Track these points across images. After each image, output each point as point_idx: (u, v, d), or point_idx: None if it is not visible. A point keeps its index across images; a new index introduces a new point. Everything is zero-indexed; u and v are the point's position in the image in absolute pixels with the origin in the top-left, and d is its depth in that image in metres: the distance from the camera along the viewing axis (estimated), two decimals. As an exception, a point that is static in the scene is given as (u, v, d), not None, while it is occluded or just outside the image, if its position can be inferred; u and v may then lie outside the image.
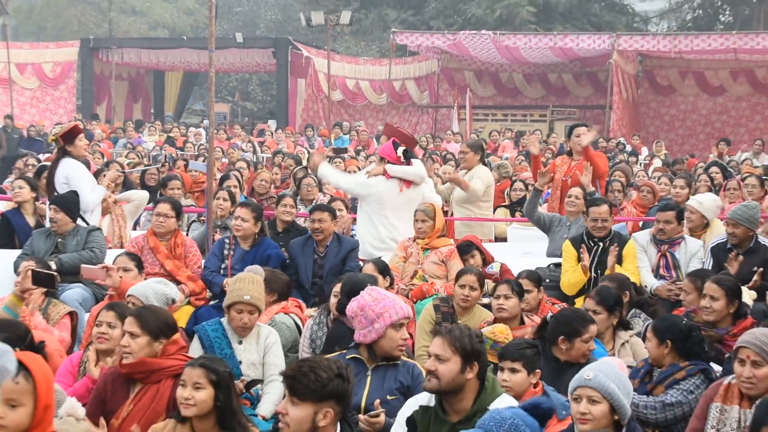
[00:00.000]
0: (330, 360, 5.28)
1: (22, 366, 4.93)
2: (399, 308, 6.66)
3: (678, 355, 6.92)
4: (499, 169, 16.68)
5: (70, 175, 10.93)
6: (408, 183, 11.13)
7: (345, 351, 6.78)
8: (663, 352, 6.92)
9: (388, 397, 6.36)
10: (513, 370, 6.34)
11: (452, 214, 13.06)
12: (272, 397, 7.23)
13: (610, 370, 5.45)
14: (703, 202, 10.98)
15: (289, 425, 4.99)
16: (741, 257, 9.38)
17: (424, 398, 5.88)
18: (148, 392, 6.30)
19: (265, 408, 7.12)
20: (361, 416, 6.14)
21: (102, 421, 5.93)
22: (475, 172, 12.65)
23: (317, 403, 4.99)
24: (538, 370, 6.40)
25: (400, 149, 11.21)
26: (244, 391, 6.88)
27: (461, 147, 13.12)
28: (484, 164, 13.18)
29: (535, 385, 6.40)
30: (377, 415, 6.10)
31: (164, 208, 10.16)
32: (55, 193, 10.77)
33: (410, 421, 5.82)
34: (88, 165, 12.59)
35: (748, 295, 8.68)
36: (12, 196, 11.74)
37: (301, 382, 4.97)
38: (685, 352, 6.90)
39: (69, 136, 11.26)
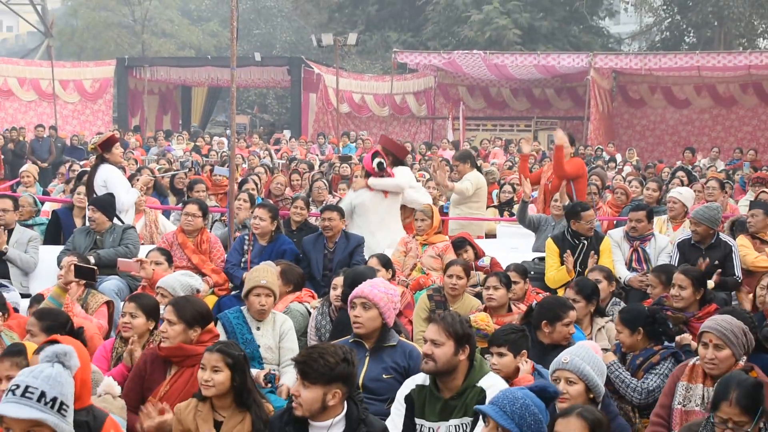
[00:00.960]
0: (336, 346, 5.26)
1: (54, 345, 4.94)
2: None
3: (648, 339, 6.92)
4: (487, 175, 16.67)
5: (108, 179, 10.95)
6: (386, 192, 11.27)
7: (349, 336, 6.77)
8: (636, 339, 6.92)
9: (384, 376, 6.35)
10: (500, 354, 6.34)
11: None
12: (288, 380, 7.20)
13: (586, 353, 5.46)
14: (683, 193, 11.39)
15: (302, 405, 4.97)
16: (707, 260, 9.39)
17: (419, 378, 5.87)
18: (183, 375, 6.30)
19: (282, 390, 7.10)
20: None
21: (162, 406, 5.93)
22: (465, 176, 12.64)
23: (326, 386, 4.98)
24: (524, 351, 6.39)
25: (375, 161, 11.29)
26: (264, 384, 6.85)
27: (452, 160, 13.10)
28: (478, 170, 13.13)
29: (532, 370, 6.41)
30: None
31: (192, 208, 10.18)
32: (94, 195, 10.78)
33: (408, 399, 5.82)
34: (123, 170, 12.59)
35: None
36: (75, 201, 11.65)
37: (311, 367, 4.96)
38: (655, 334, 6.92)
39: (107, 144, 11.28)
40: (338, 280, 8.19)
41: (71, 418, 3.91)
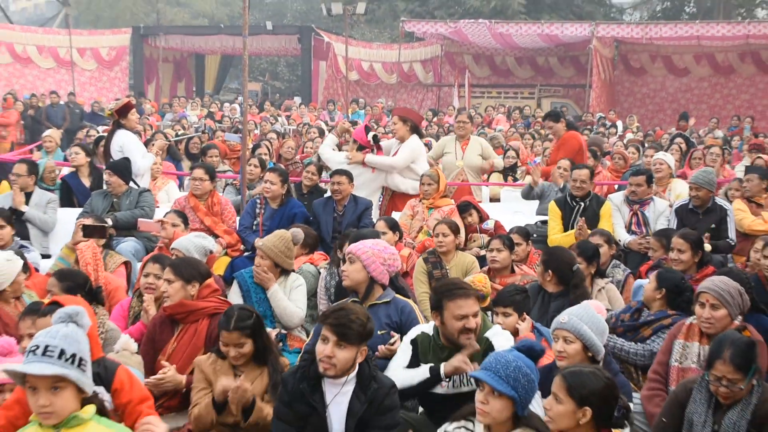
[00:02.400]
0: (357, 307, 5.29)
1: (58, 306, 5.02)
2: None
3: (667, 304, 6.95)
4: (492, 141, 16.65)
5: (124, 144, 10.96)
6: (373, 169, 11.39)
7: (350, 297, 6.78)
8: (656, 296, 6.97)
9: (378, 332, 6.37)
10: (506, 314, 6.38)
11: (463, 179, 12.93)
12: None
13: (585, 313, 5.45)
14: (666, 155, 11.65)
15: (336, 366, 4.96)
16: (709, 238, 9.38)
17: (425, 327, 5.93)
18: (188, 331, 6.37)
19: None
20: (381, 346, 6.18)
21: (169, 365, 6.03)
22: (486, 149, 12.63)
23: (359, 345, 5.01)
24: (525, 313, 6.43)
25: (370, 134, 11.46)
26: (277, 342, 6.89)
27: (460, 117, 13.00)
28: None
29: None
30: (393, 343, 6.15)
31: (199, 173, 10.22)
32: (111, 160, 10.80)
33: (414, 342, 5.85)
34: (139, 135, 12.60)
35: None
36: (70, 161, 11.76)
37: (350, 328, 4.95)
38: (674, 305, 6.93)
39: (123, 110, 11.27)
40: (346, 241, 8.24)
41: (90, 372, 3.97)
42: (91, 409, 3.90)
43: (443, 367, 5.51)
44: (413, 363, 5.77)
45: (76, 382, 3.84)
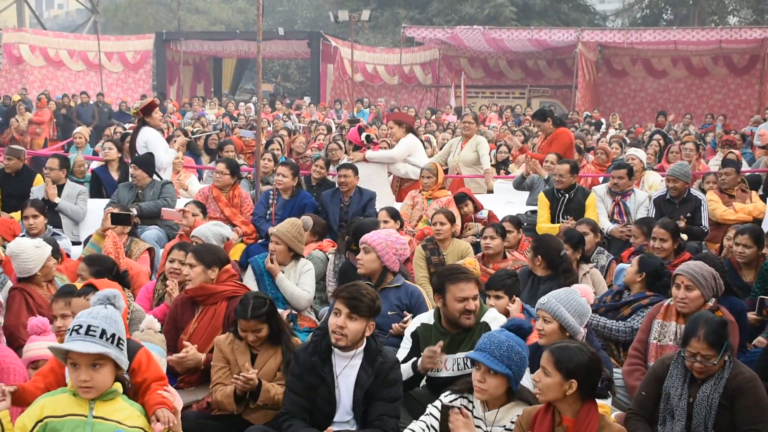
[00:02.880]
0: (364, 283, 5.34)
1: (93, 288, 5.05)
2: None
3: (646, 287, 6.99)
4: (485, 135, 16.65)
5: (148, 140, 10.97)
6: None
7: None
8: (636, 279, 7.02)
9: (389, 312, 6.47)
10: (497, 297, 6.38)
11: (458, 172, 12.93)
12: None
13: (565, 296, 5.47)
14: (639, 150, 11.99)
15: (347, 336, 5.00)
16: (685, 220, 9.39)
17: (425, 317, 5.93)
18: (208, 312, 6.40)
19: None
20: (395, 324, 6.20)
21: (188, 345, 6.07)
22: (481, 147, 12.59)
23: (368, 319, 5.06)
24: (515, 296, 6.44)
25: (363, 135, 11.61)
26: (288, 322, 6.90)
27: (467, 118, 12.97)
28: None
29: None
30: (406, 321, 6.16)
31: (221, 167, 10.24)
32: (136, 155, 10.80)
33: (414, 335, 5.86)
34: (162, 132, 12.60)
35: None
36: (102, 155, 11.78)
37: (362, 302, 5.00)
38: (653, 288, 6.97)
39: (148, 109, 11.29)
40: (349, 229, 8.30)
41: (126, 351, 4.03)
42: (119, 386, 3.96)
43: (419, 363, 5.56)
44: (412, 356, 5.79)
45: (115, 360, 3.89)
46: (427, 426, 4.62)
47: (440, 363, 5.50)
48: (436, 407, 4.67)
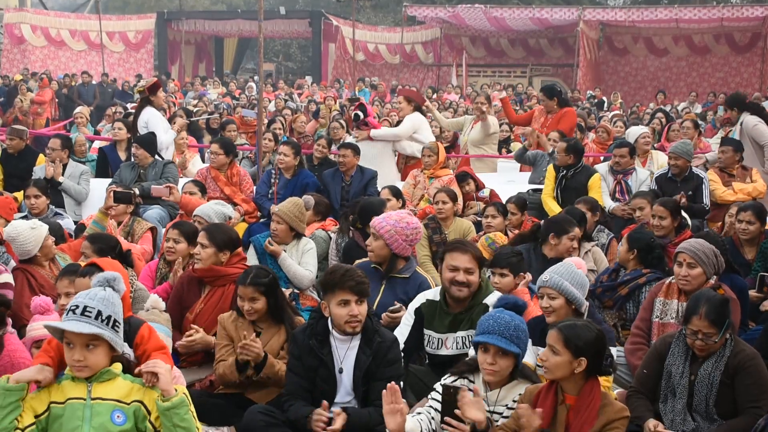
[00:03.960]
0: (352, 266, 5.33)
1: (97, 267, 5.06)
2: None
3: (640, 263, 6.99)
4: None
5: (149, 120, 10.93)
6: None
7: (366, 260, 6.77)
8: (629, 257, 7.01)
9: (395, 302, 6.34)
10: (502, 275, 6.36)
11: (467, 152, 12.98)
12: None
13: (565, 270, 5.48)
14: (631, 130, 11.96)
15: (362, 321, 5.02)
16: (685, 197, 9.35)
17: (430, 294, 5.92)
18: (215, 294, 6.37)
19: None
20: (384, 314, 6.15)
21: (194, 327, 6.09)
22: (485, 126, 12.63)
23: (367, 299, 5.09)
24: (521, 273, 6.41)
25: (353, 113, 11.96)
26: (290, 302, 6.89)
27: (479, 99, 12.96)
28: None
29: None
30: (398, 310, 6.12)
31: (215, 147, 10.29)
32: (137, 134, 10.78)
33: (418, 312, 5.85)
34: (164, 112, 12.58)
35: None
36: (112, 135, 11.74)
37: (366, 284, 5.03)
38: (647, 263, 6.97)
39: (153, 88, 11.24)
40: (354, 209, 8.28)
41: (122, 333, 4.05)
42: (119, 366, 3.98)
43: None
44: (415, 331, 5.80)
45: (109, 341, 3.92)
46: (432, 407, 4.61)
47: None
48: (436, 390, 4.66)
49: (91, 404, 3.87)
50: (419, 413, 4.59)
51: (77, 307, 3.91)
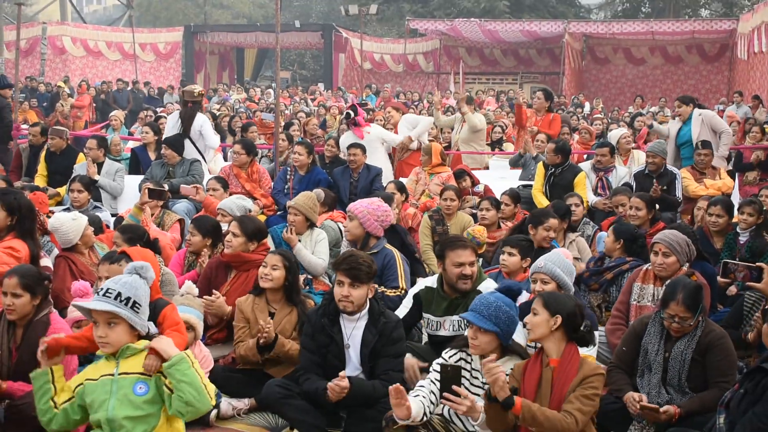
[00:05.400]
0: (363, 253, 5.35)
1: (127, 256, 5.12)
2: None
3: (625, 252, 7.07)
4: (486, 117, 16.64)
5: (203, 125, 10.90)
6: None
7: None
8: (616, 246, 7.09)
9: None
10: (510, 254, 6.40)
11: (458, 149, 13.01)
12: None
13: (557, 259, 5.56)
14: (613, 132, 12.04)
15: (354, 303, 5.04)
16: (659, 188, 9.38)
17: (429, 281, 5.94)
18: (240, 278, 6.48)
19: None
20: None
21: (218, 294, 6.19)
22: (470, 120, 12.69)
23: (368, 284, 5.08)
24: (528, 258, 6.41)
25: (344, 112, 12.09)
26: (303, 286, 6.90)
27: (458, 104, 13.11)
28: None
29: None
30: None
31: (237, 147, 10.33)
32: (189, 137, 10.81)
33: (416, 297, 5.88)
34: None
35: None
36: (141, 137, 11.74)
37: (360, 270, 5.02)
38: (631, 251, 7.06)
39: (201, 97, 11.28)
40: None
41: (144, 315, 4.05)
42: (143, 343, 3.98)
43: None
44: (413, 315, 5.85)
45: (127, 320, 3.93)
46: (432, 382, 4.61)
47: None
48: (435, 369, 4.66)
49: (117, 378, 3.90)
50: (420, 391, 4.58)
51: (102, 289, 3.98)
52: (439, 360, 4.66)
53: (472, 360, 4.65)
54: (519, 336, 4.86)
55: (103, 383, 3.92)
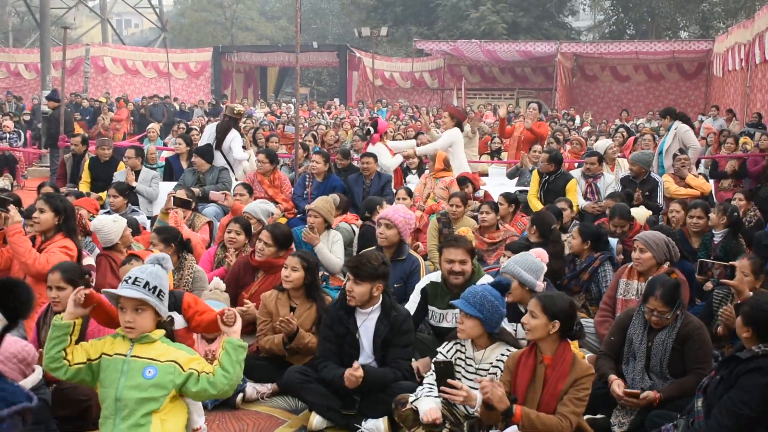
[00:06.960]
0: (377, 253, 5.34)
1: (135, 257, 5.14)
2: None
3: (592, 250, 7.13)
4: (480, 129, 16.70)
5: (234, 139, 10.91)
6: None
7: (374, 247, 6.77)
8: (583, 247, 7.14)
9: (395, 285, 6.31)
10: (509, 257, 6.39)
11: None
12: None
13: (521, 258, 5.51)
14: (599, 143, 12.02)
15: (355, 298, 5.03)
16: (641, 193, 9.40)
17: (434, 276, 5.93)
18: (268, 279, 6.47)
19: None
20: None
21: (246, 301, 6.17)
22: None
23: (372, 282, 5.04)
24: None
25: (365, 127, 12.05)
26: (320, 282, 6.91)
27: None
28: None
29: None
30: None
31: (261, 156, 10.34)
32: (221, 150, 10.86)
33: (423, 291, 5.87)
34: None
35: (645, 214, 8.79)
36: (175, 148, 11.77)
37: (361, 269, 5.01)
38: (597, 247, 7.12)
39: (240, 116, 11.26)
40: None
41: (167, 302, 4.02)
42: (160, 332, 3.94)
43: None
44: (420, 309, 5.82)
45: (154, 307, 3.89)
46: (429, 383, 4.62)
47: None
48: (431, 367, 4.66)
49: (129, 360, 3.84)
50: (432, 389, 4.54)
51: (130, 278, 3.92)
52: (434, 359, 4.66)
53: (466, 349, 4.64)
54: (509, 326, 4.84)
55: (116, 361, 3.86)
